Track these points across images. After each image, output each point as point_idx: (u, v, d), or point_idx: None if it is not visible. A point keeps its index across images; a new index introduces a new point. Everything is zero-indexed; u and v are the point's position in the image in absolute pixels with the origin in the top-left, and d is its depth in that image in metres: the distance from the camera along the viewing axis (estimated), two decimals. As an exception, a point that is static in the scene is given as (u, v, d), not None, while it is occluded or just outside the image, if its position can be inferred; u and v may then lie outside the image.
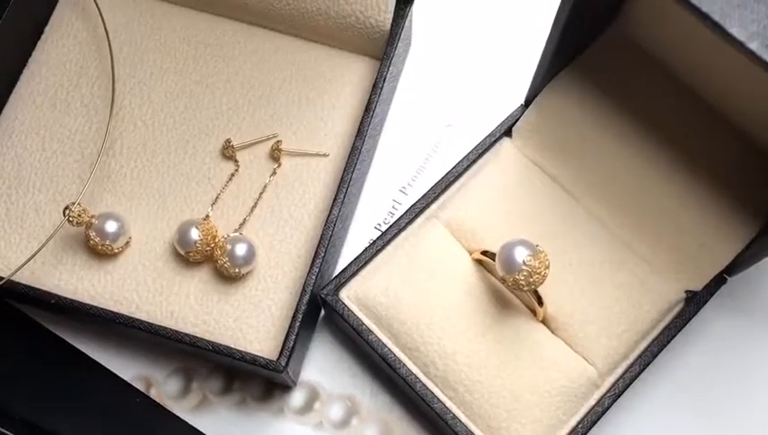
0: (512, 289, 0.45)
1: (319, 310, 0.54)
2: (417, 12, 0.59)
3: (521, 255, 0.44)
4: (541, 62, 0.50)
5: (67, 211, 0.50)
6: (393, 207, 0.57)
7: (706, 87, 0.49)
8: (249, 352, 0.48)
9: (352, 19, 0.55)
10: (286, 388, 0.53)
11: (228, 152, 0.54)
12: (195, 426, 0.52)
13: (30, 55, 0.57)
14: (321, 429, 0.52)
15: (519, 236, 0.45)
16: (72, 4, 0.58)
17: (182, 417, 0.52)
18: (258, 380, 0.53)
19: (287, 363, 0.47)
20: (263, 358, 0.47)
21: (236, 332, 0.50)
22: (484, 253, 0.48)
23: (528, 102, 0.53)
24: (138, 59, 0.57)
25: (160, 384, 0.53)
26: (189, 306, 0.51)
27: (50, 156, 0.55)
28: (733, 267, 0.49)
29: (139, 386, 0.53)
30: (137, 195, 0.54)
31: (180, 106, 0.56)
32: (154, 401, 0.52)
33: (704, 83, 0.49)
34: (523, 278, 0.44)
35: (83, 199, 0.51)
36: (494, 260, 0.46)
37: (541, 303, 0.47)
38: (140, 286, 0.52)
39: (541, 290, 0.47)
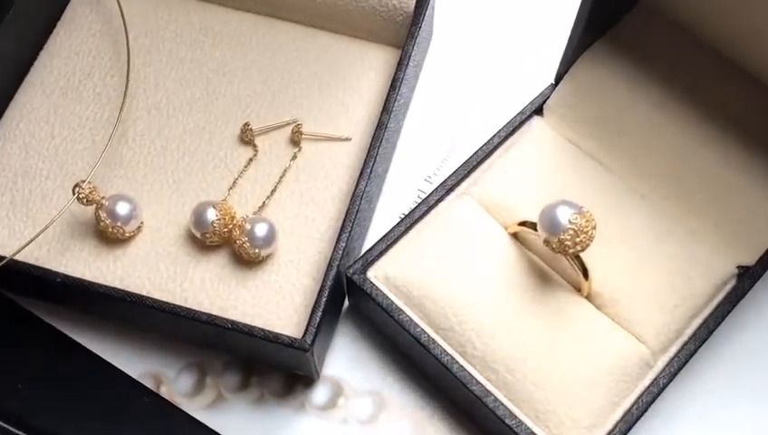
0: (556, 252, 0.42)
1: (342, 299, 0.50)
2: (438, 2, 0.58)
3: (565, 214, 0.41)
4: (571, 36, 0.49)
5: (77, 189, 0.47)
6: (418, 197, 0.54)
7: (742, 54, 0.48)
8: (267, 326, 0.44)
9: (374, 1, 0.53)
10: (308, 383, 0.49)
11: (247, 136, 0.52)
12: (209, 425, 0.47)
13: (43, 46, 0.55)
14: (347, 425, 0.48)
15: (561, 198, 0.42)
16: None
17: (195, 416, 0.48)
18: (277, 375, 0.49)
19: (313, 341, 0.43)
20: (287, 336, 0.44)
21: (255, 318, 0.47)
22: (523, 223, 0.45)
23: (559, 79, 0.51)
24: (153, 49, 0.55)
25: (171, 381, 0.49)
26: (205, 293, 0.48)
27: (59, 143, 0.52)
28: (786, 240, 0.46)
29: (148, 384, 0.49)
30: (150, 180, 0.51)
31: (196, 94, 0.54)
32: (164, 400, 0.48)
33: (740, 50, 0.48)
34: (569, 238, 0.41)
35: (94, 182, 0.48)
36: (533, 229, 0.43)
37: (586, 275, 0.44)
38: (152, 273, 0.48)
39: (586, 264, 0.44)
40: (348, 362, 0.49)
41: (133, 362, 0.49)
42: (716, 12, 0.47)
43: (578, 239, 0.40)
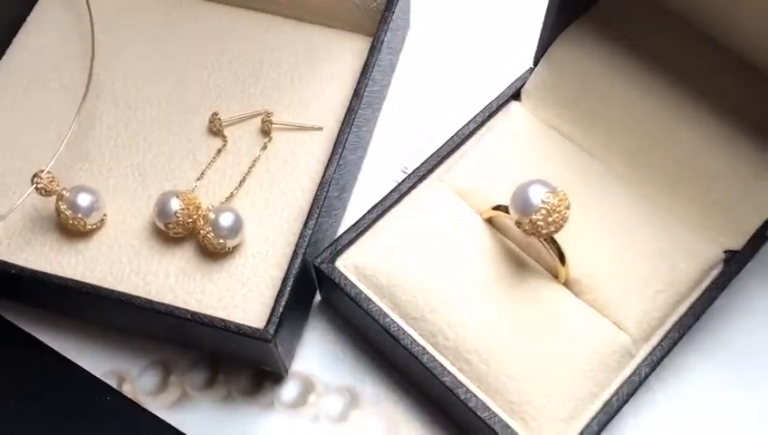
0: (529, 234, 0.39)
1: (313, 292, 0.48)
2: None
3: (537, 193, 0.39)
4: (546, 16, 0.47)
5: (35, 179, 0.45)
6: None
7: (726, 33, 0.46)
8: (233, 320, 0.42)
9: (347, -13, 0.52)
10: (277, 380, 0.47)
11: (215, 126, 0.50)
12: (173, 424, 0.45)
13: (11, 42, 0.54)
14: (318, 423, 0.45)
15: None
16: (55, -8, 0.56)
17: (158, 415, 0.46)
18: (245, 372, 0.47)
19: (276, 332, 0.41)
20: (248, 326, 0.42)
21: (220, 311, 0.45)
22: (497, 207, 0.43)
23: (536, 62, 0.49)
24: (123, 42, 0.54)
25: (134, 379, 0.47)
26: (169, 286, 0.46)
27: (23, 138, 0.51)
28: (774, 222, 0.44)
29: (111, 382, 0.47)
30: (115, 173, 0.50)
31: (166, 86, 0.53)
32: (126, 398, 0.46)
33: (723, 29, 0.46)
34: (541, 218, 0.38)
35: (57, 175, 0.47)
36: (507, 213, 0.41)
37: (563, 260, 0.42)
38: (114, 266, 0.46)
39: (563, 249, 0.42)
40: (319, 358, 0.47)
41: (96, 361, 0.47)
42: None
43: (550, 219, 0.38)
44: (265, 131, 0.51)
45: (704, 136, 0.45)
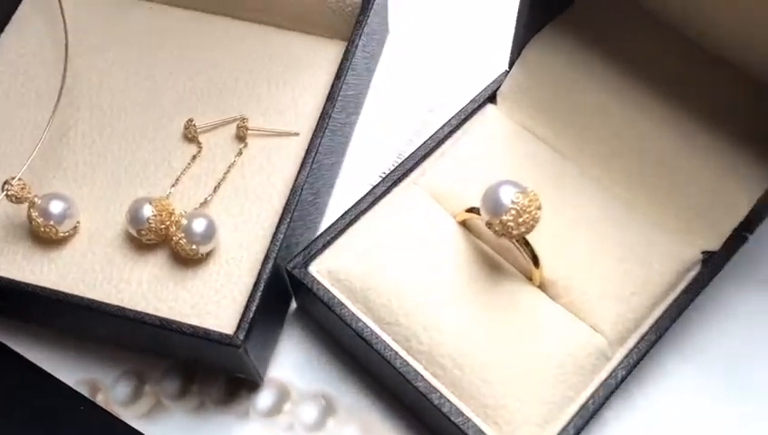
0: (500, 235, 0.39)
1: (287, 299, 0.48)
2: (393, 3, 0.56)
3: (507, 194, 0.38)
4: (518, 18, 0.47)
5: (6, 186, 0.45)
6: (371, 193, 0.52)
7: (701, 31, 0.45)
8: (205, 326, 0.42)
9: (322, -8, 0.52)
10: (252, 388, 0.46)
11: (190, 133, 0.50)
12: (146, 434, 0.45)
13: (-13, 53, 0.54)
14: (293, 432, 0.45)
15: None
16: (32, 2, 0.56)
17: (132, 425, 0.45)
18: (220, 380, 0.46)
19: (246, 338, 0.41)
20: (218, 332, 0.41)
21: (193, 318, 0.44)
22: (470, 210, 0.42)
23: (511, 65, 0.49)
24: (99, 50, 0.54)
25: (108, 389, 0.46)
26: (141, 294, 0.45)
27: (-1, 146, 0.50)
28: (751, 222, 0.43)
29: (84, 391, 0.46)
30: (89, 181, 0.49)
31: (141, 93, 0.52)
32: (99, 408, 0.46)
33: (699, 29, 0.45)
34: (511, 219, 0.38)
35: (29, 184, 0.46)
36: (479, 214, 0.41)
37: (537, 263, 0.41)
38: (87, 274, 0.46)
39: (536, 251, 0.41)
40: (294, 366, 0.47)
41: (69, 370, 0.47)
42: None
43: (521, 220, 0.38)
44: (241, 137, 0.50)
45: (679, 137, 0.45)
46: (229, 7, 0.54)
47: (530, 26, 0.47)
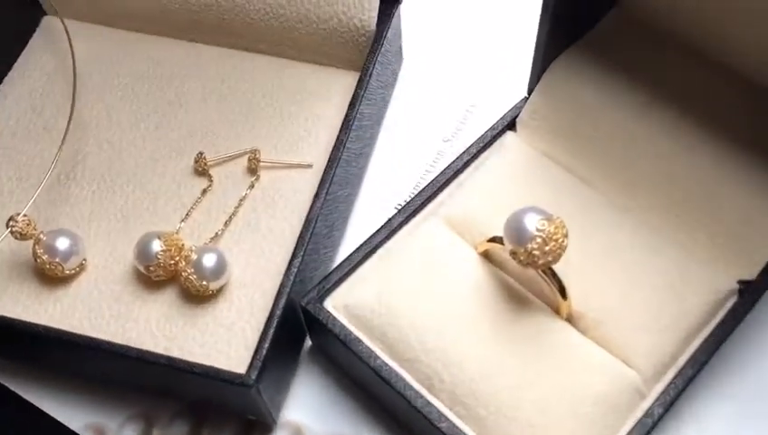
0: (524, 265, 0.37)
1: (302, 336, 0.46)
2: (407, 28, 0.55)
3: (532, 221, 0.36)
4: (537, 45, 0.45)
5: (11, 222, 0.43)
6: (388, 225, 0.50)
7: (727, 53, 0.44)
8: (212, 365, 0.39)
9: (334, 22, 0.51)
10: (265, 431, 0.44)
11: (200, 166, 0.49)
12: (153, 481, 0.42)
13: (-3, 88, 0.53)
14: (307, 477, 0.42)
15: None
16: (43, 38, 0.55)
17: (139, 471, 0.43)
18: (232, 423, 0.44)
19: (258, 378, 0.39)
20: (228, 371, 0.39)
21: (203, 358, 0.42)
22: (492, 239, 0.40)
23: (531, 91, 0.47)
24: (107, 84, 0.53)
25: (114, 433, 0.44)
26: (150, 332, 0.44)
27: (5, 183, 0.50)
28: (789, 249, 0.41)
29: (90, 436, 0.44)
30: (96, 216, 0.48)
31: (150, 126, 0.51)
32: (106, 454, 0.43)
33: (722, 50, 0.44)
34: (537, 247, 0.36)
35: (34, 220, 0.45)
36: (503, 244, 0.39)
37: (564, 294, 0.39)
38: (93, 313, 0.44)
39: (564, 282, 0.39)
40: (310, 406, 0.45)
41: (74, 414, 0.45)
42: (699, 14, 0.44)
43: (547, 248, 0.36)
44: (252, 170, 0.49)
45: (708, 161, 0.43)
46: (240, 40, 0.53)
47: (549, 52, 0.46)
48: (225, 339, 0.43)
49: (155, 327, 0.44)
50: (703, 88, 0.44)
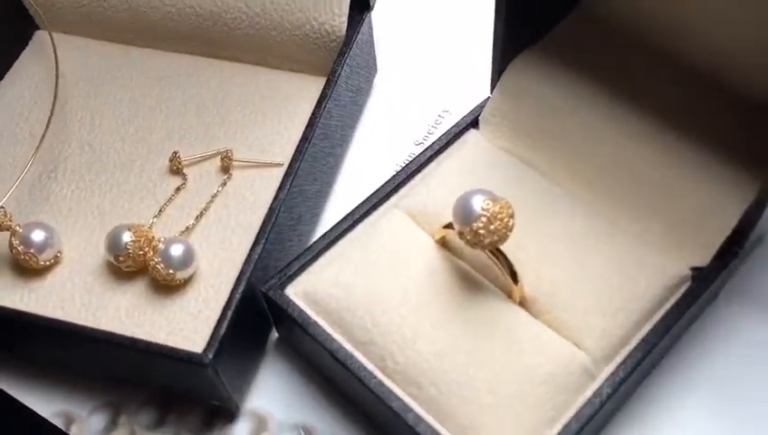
0: (472, 245, 0.38)
1: (266, 326, 0.47)
2: (381, 41, 0.57)
3: (478, 201, 0.38)
4: (494, 45, 0.47)
5: (-12, 213, 0.45)
6: (357, 222, 0.51)
7: (680, 50, 0.45)
8: (167, 344, 0.41)
9: (307, 28, 0.53)
10: (229, 418, 0.45)
11: (175, 165, 0.50)
12: (119, 466, 0.43)
13: (-13, 97, 0.56)
14: (268, 462, 0.43)
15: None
16: (34, 51, 0.58)
17: (105, 456, 0.44)
18: (196, 411, 0.45)
19: (215, 358, 0.40)
20: (185, 351, 0.40)
21: (169, 344, 0.43)
22: (447, 226, 0.42)
23: (492, 90, 0.48)
24: (92, 92, 0.55)
25: (83, 420, 0.45)
26: (119, 320, 0.45)
27: (-12, 183, 0.51)
28: (740, 237, 0.42)
29: (59, 423, 0.45)
30: (74, 213, 0.50)
31: (131, 130, 0.53)
32: (74, 440, 0.44)
33: (677, 47, 0.45)
34: (482, 226, 0.37)
35: (16, 217, 0.47)
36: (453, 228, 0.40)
37: (515, 278, 0.40)
38: (66, 303, 0.46)
39: (516, 269, 0.40)
40: (274, 396, 0.45)
41: (45, 402, 0.46)
42: (659, 14, 0.45)
43: (492, 227, 0.37)
44: (225, 169, 0.50)
45: (662, 154, 0.44)
46: (216, 49, 0.55)
47: (508, 53, 0.47)
48: (191, 326, 0.44)
49: (124, 315, 0.45)
50: (660, 84, 0.46)
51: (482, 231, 0.37)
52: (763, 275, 0.46)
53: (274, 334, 0.48)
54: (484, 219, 0.37)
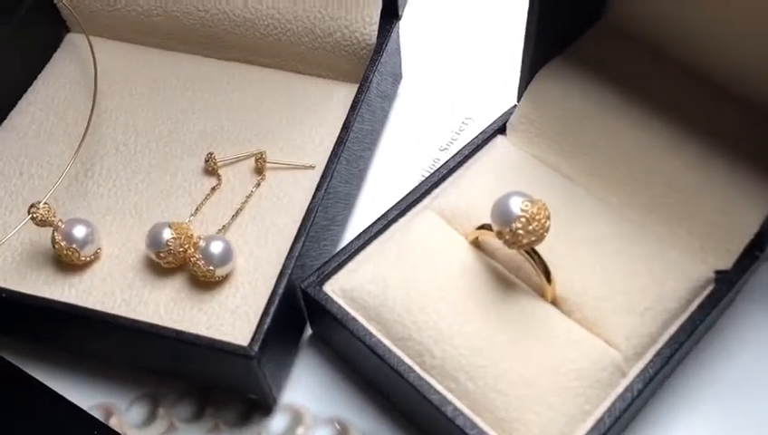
0: (510, 245, 0.40)
1: (302, 322, 0.48)
2: (406, 50, 0.59)
3: (516, 203, 0.39)
4: (524, 53, 0.49)
5: (32, 209, 0.46)
6: (387, 224, 0.53)
7: (703, 61, 0.47)
8: (216, 337, 0.42)
9: (338, 36, 0.54)
10: (266, 412, 0.46)
11: (210, 166, 0.52)
12: (158, 457, 0.44)
13: (22, 96, 0.57)
14: (305, 454, 0.44)
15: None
16: (67, 53, 0.59)
17: (144, 448, 0.45)
18: (234, 404, 0.46)
19: (260, 351, 0.41)
20: (232, 343, 0.41)
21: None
22: (481, 227, 0.43)
23: (520, 97, 0.50)
24: (126, 93, 0.57)
25: (122, 412, 0.46)
26: (158, 316, 0.46)
27: (27, 180, 0.53)
28: (761, 241, 0.43)
29: (99, 415, 0.46)
30: (112, 211, 0.51)
31: (165, 131, 0.55)
32: (114, 432, 0.45)
33: (700, 58, 0.47)
34: (521, 227, 0.39)
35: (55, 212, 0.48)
36: (491, 230, 0.42)
37: (549, 277, 0.42)
38: (106, 298, 0.47)
39: (548, 267, 0.42)
40: (309, 391, 0.47)
41: (84, 394, 0.47)
42: (682, 26, 0.47)
43: (530, 228, 0.39)
44: (259, 170, 0.52)
45: (688, 160, 0.46)
46: (248, 54, 0.57)
47: (537, 62, 0.49)
48: (230, 322, 0.46)
49: (163, 311, 0.46)
50: (682, 93, 0.47)
51: (520, 232, 0.39)
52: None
53: (308, 331, 0.49)
54: (523, 220, 0.39)
